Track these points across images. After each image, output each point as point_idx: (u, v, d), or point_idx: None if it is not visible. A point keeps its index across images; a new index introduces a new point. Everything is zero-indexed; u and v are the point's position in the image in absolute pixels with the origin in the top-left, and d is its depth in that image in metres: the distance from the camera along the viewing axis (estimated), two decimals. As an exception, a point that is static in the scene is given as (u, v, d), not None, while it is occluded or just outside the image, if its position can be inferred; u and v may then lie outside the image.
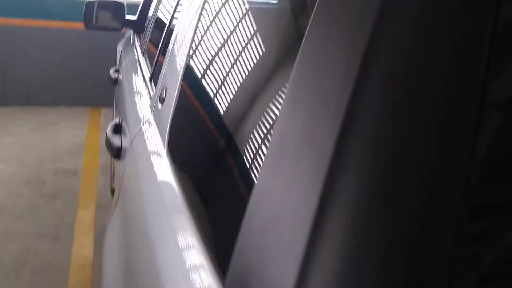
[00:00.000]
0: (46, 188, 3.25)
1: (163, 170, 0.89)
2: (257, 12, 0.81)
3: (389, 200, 0.39)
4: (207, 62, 0.91)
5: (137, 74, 1.91)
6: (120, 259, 0.96)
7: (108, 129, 1.34)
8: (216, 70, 0.85)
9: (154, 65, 1.52)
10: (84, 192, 3.25)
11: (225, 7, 0.92)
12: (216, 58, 0.87)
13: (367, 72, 0.42)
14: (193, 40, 1.03)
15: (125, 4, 2.82)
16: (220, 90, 0.81)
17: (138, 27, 2.83)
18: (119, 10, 2.79)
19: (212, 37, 0.93)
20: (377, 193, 0.40)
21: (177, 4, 1.54)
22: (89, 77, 4.99)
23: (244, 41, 0.78)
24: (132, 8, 3.06)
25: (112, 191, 2.00)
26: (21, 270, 2.37)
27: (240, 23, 0.83)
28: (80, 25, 3.03)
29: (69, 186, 3.31)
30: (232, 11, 0.89)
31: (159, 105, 1.09)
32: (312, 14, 0.51)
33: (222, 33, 0.88)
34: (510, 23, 0.41)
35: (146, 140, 1.09)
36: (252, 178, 0.56)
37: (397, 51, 0.41)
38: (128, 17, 2.87)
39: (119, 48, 3.44)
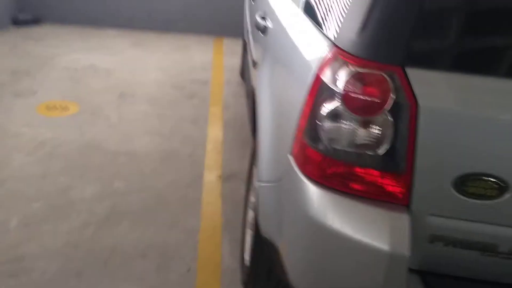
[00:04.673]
0: (186, 91, 4.22)
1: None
2: None
3: None
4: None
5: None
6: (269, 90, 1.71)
7: (257, 16, 2.09)
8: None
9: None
10: (213, 96, 4.17)
11: None
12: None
13: None
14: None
15: None
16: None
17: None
18: None
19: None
20: None
21: None
22: (216, 10, 5.91)
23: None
24: None
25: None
26: (173, 137, 3.35)
27: None
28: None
29: (202, 91, 4.26)
30: None
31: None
32: None
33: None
34: None
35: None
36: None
37: None
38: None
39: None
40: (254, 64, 2.28)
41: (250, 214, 2.14)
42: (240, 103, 4.06)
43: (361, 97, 1.09)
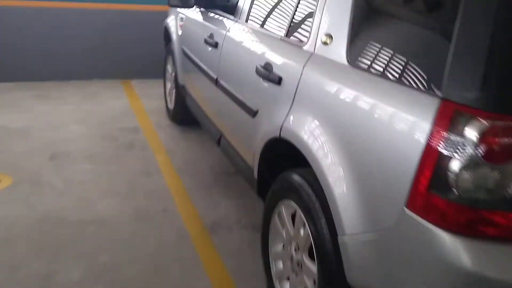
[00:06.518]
0: (120, 141, 3.94)
1: None
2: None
3: None
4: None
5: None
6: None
7: (258, 64, 2.11)
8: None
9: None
10: (151, 143, 3.97)
11: None
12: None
13: None
14: None
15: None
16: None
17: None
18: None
19: None
20: None
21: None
22: (120, 52, 5.65)
23: None
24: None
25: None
26: (134, 194, 3.11)
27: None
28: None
29: (137, 139, 4.02)
30: None
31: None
32: None
33: None
34: None
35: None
36: None
37: None
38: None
39: (171, 22, 4.14)
40: (254, 114, 2.26)
41: (278, 265, 2.10)
42: (183, 146, 3.93)
43: (494, 147, 1.18)
